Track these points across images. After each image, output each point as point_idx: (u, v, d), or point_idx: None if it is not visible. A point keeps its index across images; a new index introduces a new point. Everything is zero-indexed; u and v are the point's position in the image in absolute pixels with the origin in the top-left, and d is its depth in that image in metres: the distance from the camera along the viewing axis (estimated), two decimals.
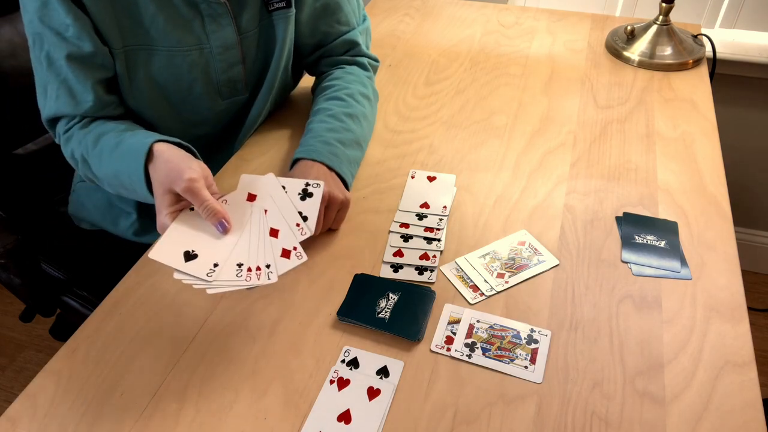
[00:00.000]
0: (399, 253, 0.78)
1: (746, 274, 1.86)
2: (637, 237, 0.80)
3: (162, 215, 0.69)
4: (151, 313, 0.72)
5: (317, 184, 0.73)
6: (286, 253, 0.67)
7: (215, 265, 0.64)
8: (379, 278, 0.75)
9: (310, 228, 0.69)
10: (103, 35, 0.79)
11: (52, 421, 0.61)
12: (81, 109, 0.81)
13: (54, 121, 0.84)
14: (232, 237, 0.68)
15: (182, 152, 0.73)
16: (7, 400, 1.56)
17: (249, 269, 0.65)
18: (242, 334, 0.69)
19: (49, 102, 0.82)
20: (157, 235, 0.82)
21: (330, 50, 1.01)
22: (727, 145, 1.58)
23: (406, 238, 0.80)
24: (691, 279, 0.75)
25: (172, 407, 0.62)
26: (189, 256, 0.65)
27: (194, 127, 0.94)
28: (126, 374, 0.65)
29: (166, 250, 0.65)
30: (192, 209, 0.70)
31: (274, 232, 0.68)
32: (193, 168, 0.68)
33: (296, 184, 0.73)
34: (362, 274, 0.75)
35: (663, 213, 0.84)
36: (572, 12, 1.42)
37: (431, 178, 0.91)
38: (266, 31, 0.91)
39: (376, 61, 1.06)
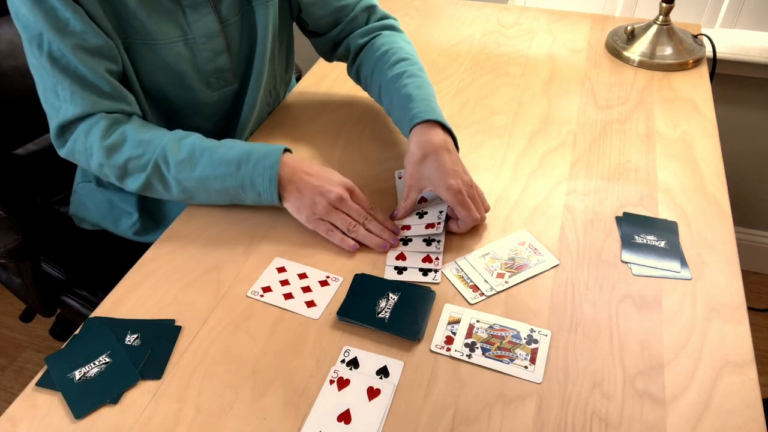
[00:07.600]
0: (401, 257, 0.78)
1: (746, 274, 1.86)
2: (637, 237, 0.80)
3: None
4: (150, 313, 0.72)
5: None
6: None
7: None
8: (379, 278, 0.75)
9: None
10: (103, 29, 0.79)
11: (52, 421, 0.61)
12: (100, 105, 0.79)
13: (71, 123, 0.80)
14: None
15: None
16: (7, 400, 1.56)
17: None
18: (242, 334, 0.69)
19: (64, 104, 0.78)
20: (158, 235, 0.82)
21: (353, 22, 1.00)
22: (727, 145, 1.58)
23: (406, 241, 0.80)
24: (691, 279, 0.75)
25: (172, 407, 0.62)
26: None
27: (188, 119, 0.94)
28: None
29: None
30: None
31: None
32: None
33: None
34: (362, 274, 0.75)
35: (663, 213, 0.84)
36: (572, 12, 1.42)
37: None
38: (248, 18, 0.91)
39: (396, 19, 1.05)
